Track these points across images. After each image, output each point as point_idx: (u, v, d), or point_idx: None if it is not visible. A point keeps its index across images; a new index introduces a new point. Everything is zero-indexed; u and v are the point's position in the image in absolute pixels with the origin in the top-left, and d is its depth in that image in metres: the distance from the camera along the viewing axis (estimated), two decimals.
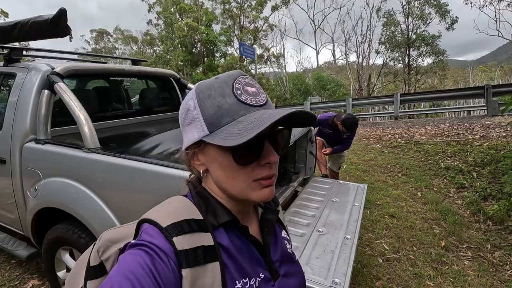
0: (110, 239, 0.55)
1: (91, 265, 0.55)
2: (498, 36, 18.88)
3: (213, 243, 0.48)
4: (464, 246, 2.80)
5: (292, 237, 1.66)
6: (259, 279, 0.52)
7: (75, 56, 2.91)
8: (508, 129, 5.62)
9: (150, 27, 28.60)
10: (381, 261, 2.60)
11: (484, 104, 8.15)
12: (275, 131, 0.50)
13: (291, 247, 0.66)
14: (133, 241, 0.46)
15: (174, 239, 0.44)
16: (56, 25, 1.63)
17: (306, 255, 1.47)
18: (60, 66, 1.95)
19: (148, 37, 29.23)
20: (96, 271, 0.55)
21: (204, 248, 0.46)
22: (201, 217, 0.50)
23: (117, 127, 2.41)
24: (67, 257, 1.82)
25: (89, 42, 31.69)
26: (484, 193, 3.63)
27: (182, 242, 0.45)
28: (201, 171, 0.53)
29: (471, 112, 10.57)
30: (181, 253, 0.44)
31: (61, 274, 1.88)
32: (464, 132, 6.17)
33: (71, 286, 0.60)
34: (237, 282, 0.48)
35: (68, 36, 1.66)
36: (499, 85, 8.81)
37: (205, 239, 0.47)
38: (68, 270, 1.87)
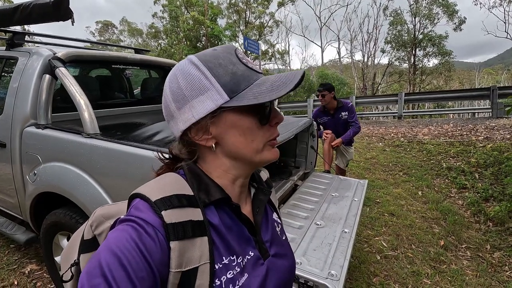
0: (103, 215, 0.57)
1: (84, 238, 0.57)
2: (506, 38, 18.63)
3: (202, 219, 0.48)
4: (463, 246, 2.78)
5: (290, 229, 1.66)
6: (248, 257, 0.53)
7: (80, 44, 2.88)
8: None
9: (155, 20, 28.51)
10: (379, 258, 2.59)
11: (489, 106, 8.07)
12: None
13: (281, 230, 0.67)
14: (122, 216, 0.47)
15: (163, 212, 0.45)
16: (58, 9, 1.62)
17: (303, 247, 1.47)
18: (61, 51, 1.94)
19: (153, 30, 29.14)
20: (89, 245, 0.56)
21: (192, 222, 0.46)
22: (192, 193, 0.50)
23: (118, 115, 2.40)
24: (65, 242, 1.83)
25: (94, 34, 31.68)
26: (486, 194, 3.60)
27: (171, 215, 0.45)
28: (212, 145, 0.52)
29: (476, 114, 10.48)
30: (169, 226, 0.44)
31: (59, 259, 1.89)
32: (468, 133, 6.11)
33: (65, 259, 0.61)
34: (224, 258, 0.49)
35: (70, 20, 1.64)
36: (505, 86, 8.71)
37: (195, 214, 0.48)
38: None
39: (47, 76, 1.82)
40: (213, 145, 0.52)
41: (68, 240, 1.83)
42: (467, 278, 2.33)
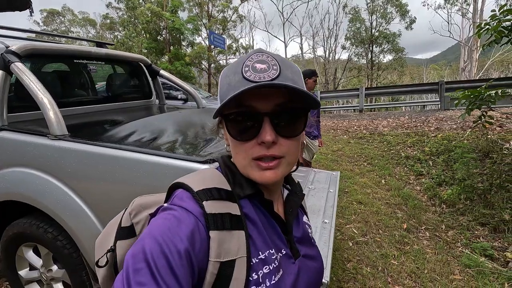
0: (142, 204, 0.61)
1: (122, 225, 0.61)
2: (449, 37, 20.52)
3: (239, 213, 0.49)
4: (423, 228, 3.06)
5: None
6: (281, 255, 0.53)
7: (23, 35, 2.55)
8: (459, 121, 6.18)
9: (110, 10, 26.66)
10: (351, 244, 2.76)
11: (437, 99, 8.88)
12: (280, 110, 0.48)
13: (312, 233, 0.68)
14: (165, 204, 0.49)
15: (204, 203, 0.47)
16: None
17: None
18: (16, 44, 1.74)
19: (108, 21, 27.23)
20: (126, 232, 0.60)
21: (231, 215, 0.48)
22: (229, 189, 0.52)
23: (81, 114, 2.23)
24: (30, 254, 1.68)
25: (39, 24, 28.67)
26: (439, 179, 3.98)
27: (211, 206, 0.47)
28: (226, 145, 0.57)
29: (426, 106, 11.46)
30: (209, 216, 0.46)
31: (23, 273, 1.73)
32: (421, 124, 6.68)
33: (101, 245, 0.64)
34: (260, 253, 0.49)
35: (28, 10, 1.48)
36: (451, 81, 9.65)
37: (232, 208, 0.49)
38: (32, 268, 1.73)
39: (0, 72, 1.63)
40: (226, 145, 0.57)
41: (34, 251, 1.69)
42: (428, 256, 2.58)
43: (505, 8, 3.16)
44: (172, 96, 5.79)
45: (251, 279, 0.46)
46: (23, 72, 1.59)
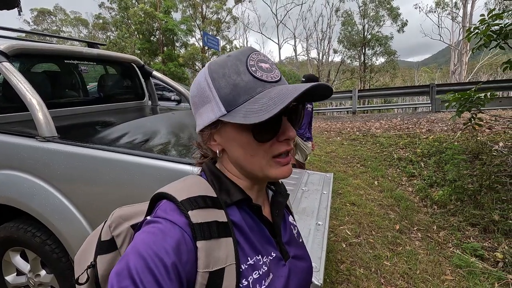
0: (122, 216, 0.58)
1: (102, 239, 0.57)
2: (439, 40, 20.92)
3: (226, 220, 0.48)
4: (415, 228, 3.09)
5: None
6: (271, 258, 0.53)
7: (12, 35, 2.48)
8: (449, 123, 6.28)
9: (103, 11, 26.39)
10: (344, 245, 2.77)
11: (428, 102, 9.02)
12: (292, 106, 0.50)
13: (298, 232, 0.68)
14: (148, 217, 0.47)
15: (190, 212, 0.45)
16: None
17: None
18: (4, 44, 1.70)
19: (101, 21, 26.94)
20: (106, 246, 0.56)
21: (217, 223, 0.47)
22: (215, 195, 0.50)
23: (71, 115, 2.19)
24: (17, 259, 1.63)
25: (29, 23, 28.17)
26: (431, 180, 4.03)
27: (197, 215, 0.45)
28: (217, 151, 0.53)
29: (417, 108, 11.62)
30: (196, 226, 0.44)
31: (10, 278, 1.68)
32: (413, 126, 6.76)
33: (80, 261, 0.61)
34: (249, 258, 0.49)
35: (17, 9, 1.45)
36: (442, 84, 9.82)
37: (219, 215, 0.48)
38: (19, 273, 1.68)
39: None
40: (219, 152, 0.54)
41: (21, 256, 1.65)
42: (420, 257, 2.61)
43: (493, 12, 3.23)
44: (165, 97, 5.74)
45: (241, 285, 0.46)
46: (11, 72, 1.55)
